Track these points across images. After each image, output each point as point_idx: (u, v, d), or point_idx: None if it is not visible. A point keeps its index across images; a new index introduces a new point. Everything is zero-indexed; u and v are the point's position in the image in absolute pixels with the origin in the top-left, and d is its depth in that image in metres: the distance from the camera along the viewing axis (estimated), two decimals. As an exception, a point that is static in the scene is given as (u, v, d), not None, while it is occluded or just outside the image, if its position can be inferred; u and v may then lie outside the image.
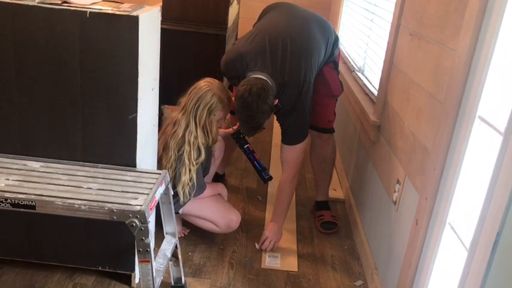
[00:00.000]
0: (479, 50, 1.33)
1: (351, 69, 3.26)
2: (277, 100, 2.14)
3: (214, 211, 2.26)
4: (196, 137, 2.11)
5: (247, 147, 2.43)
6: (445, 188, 1.46)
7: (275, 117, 2.38)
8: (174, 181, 2.12)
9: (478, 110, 1.33)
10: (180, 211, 2.22)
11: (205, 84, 2.15)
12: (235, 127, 2.43)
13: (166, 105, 2.43)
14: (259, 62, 2.16)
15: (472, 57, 1.36)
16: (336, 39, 2.40)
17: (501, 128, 1.15)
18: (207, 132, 2.15)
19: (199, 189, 2.20)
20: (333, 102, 2.53)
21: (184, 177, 2.11)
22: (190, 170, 2.12)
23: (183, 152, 2.10)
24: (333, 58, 2.42)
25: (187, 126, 2.11)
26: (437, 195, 1.50)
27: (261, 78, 2.10)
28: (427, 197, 1.54)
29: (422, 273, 1.59)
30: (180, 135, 2.11)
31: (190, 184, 2.12)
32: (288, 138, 2.34)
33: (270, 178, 2.43)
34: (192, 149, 2.11)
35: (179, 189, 2.11)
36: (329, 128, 2.56)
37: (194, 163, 2.12)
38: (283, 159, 2.38)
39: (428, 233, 1.55)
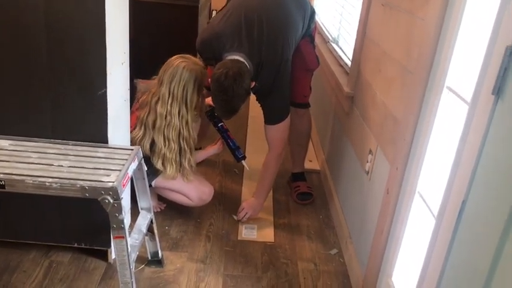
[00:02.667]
0: (447, 20, 1.34)
1: (325, 40, 3.25)
2: (254, 83, 2.11)
3: (186, 183, 2.26)
4: (187, 121, 2.11)
5: (221, 125, 2.40)
6: (414, 158, 1.49)
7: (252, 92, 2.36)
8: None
9: (447, 80, 1.35)
10: (153, 183, 2.21)
11: (184, 65, 2.08)
12: (208, 101, 2.41)
13: (140, 79, 2.40)
14: (235, 42, 2.12)
15: (440, 27, 1.36)
16: (313, 12, 2.37)
17: (467, 97, 1.17)
18: (198, 110, 2.18)
19: None
20: (308, 77, 2.52)
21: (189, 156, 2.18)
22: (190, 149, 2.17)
23: (183, 138, 2.13)
24: (309, 32, 2.40)
25: (179, 113, 2.09)
26: (407, 165, 1.53)
27: (238, 60, 2.06)
28: (398, 166, 1.56)
29: (393, 240, 1.63)
30: (178, 124, 2.10)
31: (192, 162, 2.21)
32: (270, 118, 2.32)
33: (244, 157, 2.41)
34: (189, 132, 2.14)
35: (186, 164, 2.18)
36: (305, 103, 2.55)
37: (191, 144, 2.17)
38: (268, 139, 2.37)
39: (399, 202, 1.58)
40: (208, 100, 2.43)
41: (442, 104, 1.37)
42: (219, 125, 2.40)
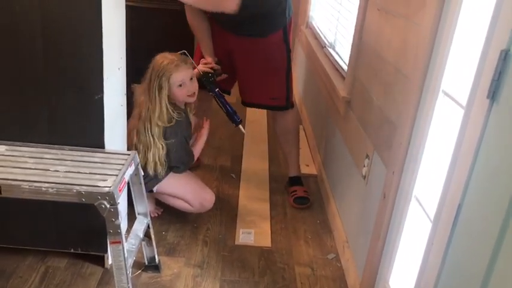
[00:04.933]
0: (442, 25, 1.35)
1: (322, 45, 3.26)
2: None
3: (188, 189, 2.26)
4: (159, 115, 2.08)
5: (218, 90, 2.37)
6: (410, 162, 1.49)
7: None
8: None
9: (442, 84, 1.35)
10: (154, 189, 2.21)
11: (158, 58, 2.11)
12: (204, 67, 2.39)
13: (136, 85, 2.40)
14: None
15: (436, 32, 1.37)
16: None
17: (463, 101, 1.17)
18: (165, 105, 2.10)
19: (189, 157, 2.26)
20: (278, 76, 2.50)
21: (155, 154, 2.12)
22: (160, 147, 2.12)
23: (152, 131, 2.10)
24: (285, 22, 2.41)
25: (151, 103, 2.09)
26: (404, 169, 1.53)
27: None
28: (394, 171, 1.57)
29: (390, 244, 1.63)
30: (149, 116, 2.08)
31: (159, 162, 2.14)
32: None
33: (241, 121, 2.42)
34: (158, 127, 2.10)
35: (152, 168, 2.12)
36: (274, 106, 2.55)
37: (162, 141, 2.12)
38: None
39: (396, 206, 1.59)
40: (202, 65, 2.38)
41: (437, 108, 1.37)
42: (216, 90, 2.36)
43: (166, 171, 2.19)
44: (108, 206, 1.49)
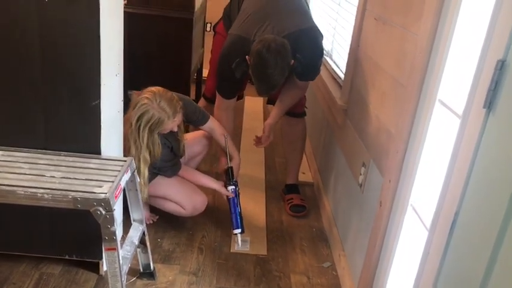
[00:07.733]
0: (439, 35, 1.36)
1: (319, 53, 3.27)
2: (293, 61, 2.10)
3: (179, 190, 2.25)
4: (144, 157, 2.03)
5: (238, 190, 2.27)
6: (407, 171, 1.49)
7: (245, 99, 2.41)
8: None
9: (438, 94, 1.36)
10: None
11: (145, 101, 1.99)
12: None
13: (134, 91, 2.39)
14: (263, 26, 2.13)
15: (432, 42, 1.38)
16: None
17: (459, 111, 1.18)
18: (150, 151, 2.05)
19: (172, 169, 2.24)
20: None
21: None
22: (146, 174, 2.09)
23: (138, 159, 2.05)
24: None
25: (135, 141, 2.02)
26: (400, 178, 1.53)
27: (278, 36, 2.05)
28: (391, 179, 1.57)
29: (386, 253, 1.63)
30: (134, 152, 2.02)
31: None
32: (306, 77, 2.38)
33: (243, 231, 2.23)
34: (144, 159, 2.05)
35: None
36: (303, 112, 2.64)
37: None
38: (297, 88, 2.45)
39: (392, 215, 1.59)
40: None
41: (434, 117, 1.38)
42: (238, 188, 2.27)
43: (153, 175, 2.19)
44: (103, 212, 1.48)
